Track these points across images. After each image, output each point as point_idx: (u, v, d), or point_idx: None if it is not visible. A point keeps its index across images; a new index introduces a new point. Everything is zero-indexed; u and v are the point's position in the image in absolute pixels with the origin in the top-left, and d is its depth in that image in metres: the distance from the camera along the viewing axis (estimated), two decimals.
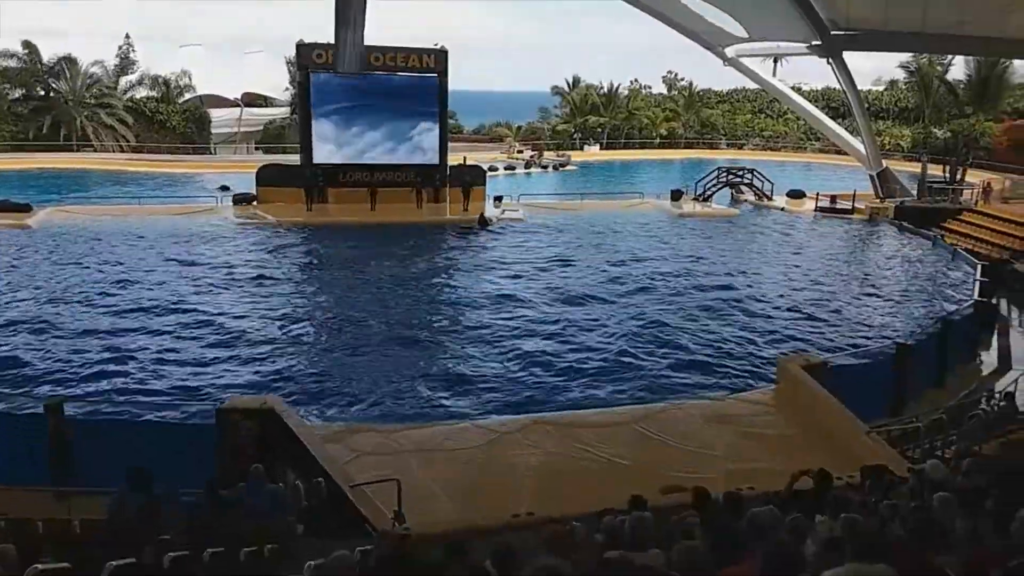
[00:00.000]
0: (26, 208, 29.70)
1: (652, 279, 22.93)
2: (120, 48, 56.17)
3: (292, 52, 36.68)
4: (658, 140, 66.86)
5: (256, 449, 10.29)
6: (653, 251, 27.14)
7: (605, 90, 67.99)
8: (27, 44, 51.71)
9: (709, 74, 67.81)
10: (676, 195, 37.51)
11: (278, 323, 17.93)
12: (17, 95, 52.14)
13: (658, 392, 14.35)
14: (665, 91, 73.98)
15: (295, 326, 17.82)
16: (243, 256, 24.67)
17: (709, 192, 38.00)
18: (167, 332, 16.95)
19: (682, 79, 73.74)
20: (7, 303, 18.79)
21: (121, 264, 22.75)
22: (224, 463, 10.31)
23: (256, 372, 14.79)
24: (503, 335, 17.43)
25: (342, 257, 25.12)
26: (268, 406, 10.64)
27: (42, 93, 52.52)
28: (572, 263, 24.84)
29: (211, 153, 55.81)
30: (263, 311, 18.85)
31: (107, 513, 8.07)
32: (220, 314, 18.29)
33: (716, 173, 39.34)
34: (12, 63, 51.39)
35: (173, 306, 18.85)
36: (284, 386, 14.02)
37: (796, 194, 38.41)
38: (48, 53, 52.14)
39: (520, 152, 57.88)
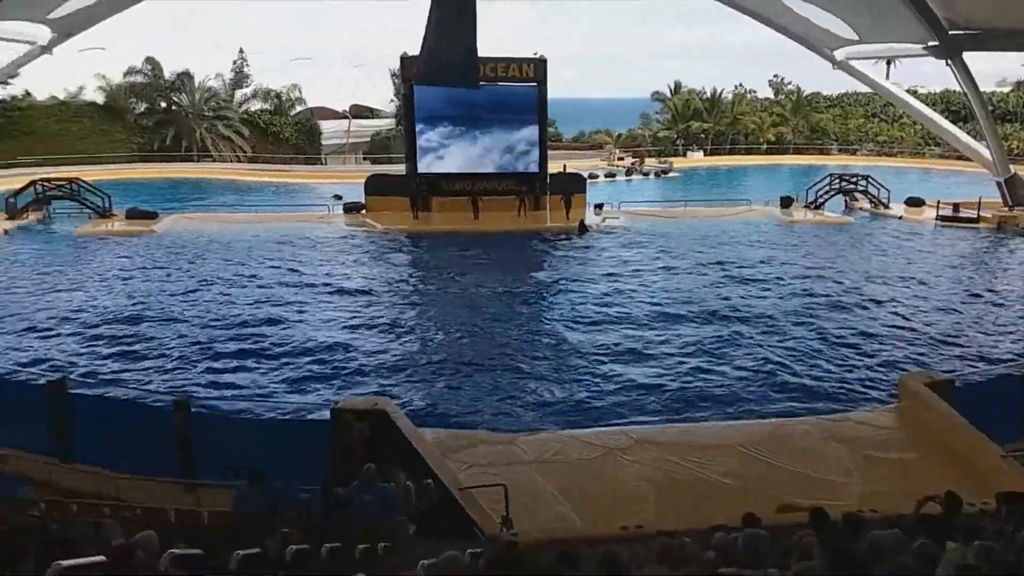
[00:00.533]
0: (152, 215, 31.64)
1: (761, 289, 22.27)
2: (235, 62, 59.27)
3: (397, 65, 37.66)
4: (765, 146, 65.00)
5: (366, 450, 10.57)
6: (762, 260, 26.34)
7: (708, 95, 66.67)
8: (150, 60, 55.17)
9: (818, 77, 65.60)
10: (786, 202, 36.34)
11: (385, 328, 18.38)
12: (142, 109, 55.64)
13: (769, 408, 13.89)
14: (772, 95, 71.92)
15: (401, 331, 18.22)
16: (351, 261, 25.52)
17: (821, 199, 36.63)
18: (280, 334, 17.64)
19: (789, 83, 71.58)
20: (135, 304, 20.02)
21: (239, 268, 23.91)
22: (336, 462, 10.64)
23: (366, 375, 15.21)
24: (604, 346, 17.26)
25: (445, 264, 25.56)
26: (379, 408, 10.89)
27: (164, 107, 55.82)
28: (675, 272, 24.42)
29: (321, 163, 57.97)
30: (370, 316, 19.38)
31: (232, 506, 8.48)
32: (330, 319, 18.92)
33: (828, 179, 37.90)
34: (139, 79, 54.96)
35: (285, 309, 19.63)
36: (392, 389, 14.34)
37: (915, 202, 36.48)
38: (169, 69, 55.60)
39: (620, 159, 57.51)
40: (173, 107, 55.60)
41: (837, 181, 37.88)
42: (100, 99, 54.48)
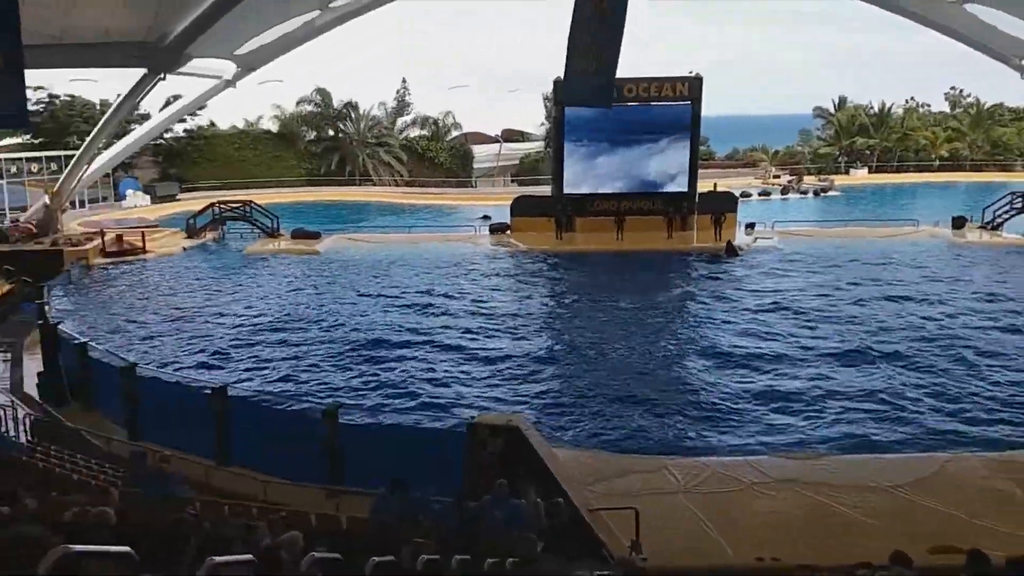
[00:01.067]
0: (316, 235, 33.84)
1: (924, 315, 20.73)
2: (397, 92, 62.41)
3: (550, 88, 38.45)
4: (937, 162, 60.49)
5: (500, 465, 10.77)
6: (925, 284, 24.51)
7: (876, 110, 63.00)
8: (320, 91, 59.11)
9: (1001, 88, 60.46)
10: (959, 222, 33.64)
11: (523, 346, 18.65)
12: (312, 136, 59.71)
13: (929, 444, 12.89)
14: (947, 109, 66.91)
15: (539, 351, 18.41)
16: (494, 280, 26.11)
17: (1000, 219, 33.62)
18: (424, 349, 18.34)
19: (968, 95, 66.31)
20: (294, 317, 21.48)
21: (391, 285, 25.13)
22: (470, 476, 10.91)
23: (504, 391, 15.51)
24: (746, 371, 16.67)
25: (586, 284, 25.62)
26: (514, 424, 11.09)
27: (331, 134, 59.60)
28: (829, 296, 23.17)
29: (472, 186, 59.80)
30: (508, 334, 19.76)
31: (370, 513, 8.90)
32: (471, 336, 19.46)
33: (1009, 198, 34.68)
34: (309, 108, 59.07)
35: (430, 325, 20.41)
36: (527, 407, 14.53)
37: None
38: (338, 98, 59.31)
39: (776, 177, 55.40)
40: (340, 134, 59.22)
41: (1019, 200, 34.61)
42: (275, 128, 59.04)
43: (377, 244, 32.85)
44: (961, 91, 67.19)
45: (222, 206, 36.03)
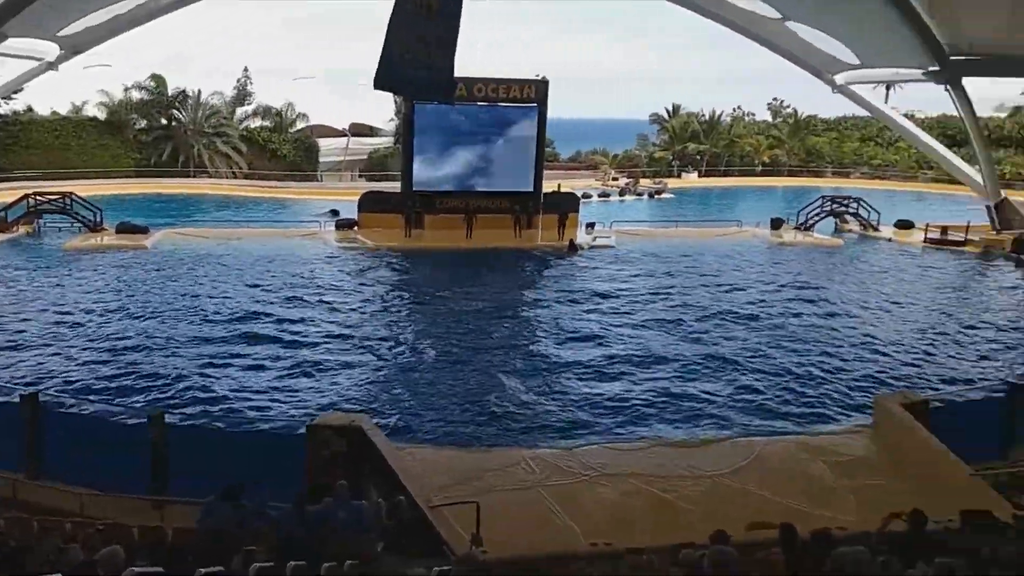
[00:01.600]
0: (143, 230, 31.71)
1: (744, 309, 22.37)
2: (239, 80, 59.75)
3: None
4: (760, 168, 65.38)
5: (342, 466, 10.60)
6: (747, 280, 26.50)
7: (706, 117, 67.21)
8: (155, 77, 55.57)
9: (817, 101, 66.22)
10: (776, 224, 36.53)
11: (367, 345, 18.43)
12: (142, 125, 55.96)
13: (747, 428, 13.94)
14: (770, 118, 72.46)
15: (383, 348, 18.26)
16: (340, 278, 25.56)
17: (811, 221, 36.82)
18: (262, 349, 17.70)
19: (788, 106, 72.14)
20: (119, 319, 20.05)
21: (225, 283, 23.96)
22: (311, 478, 10.67)
23: (344, 391, 15.25)
24: (585, 364, 17.32)
25: (434, 282, 25.64)
26: (356, 424, 10.94)
27: (164, 123, 56.15)
28: (661, 291, 24.54)
29: (318, 180, 58.25)
30: (351, 332, 19.42)
31: (198, 522, 8.48)
32: (312, 335, 18.95)
33: (820, 201, 38.10)
34: (143, 95, 55.35)
35: (268, 324, 19.70)
36: (370, 406, 14.38)
37: (904, 224, 36.70)
38: (172, 85, 55.97)
39: (615, 179, 57.78)
40: (173, 123, 55.89)
41: (828, 203, 38.09)
42: (102, 115, 54.85)
43: (212, 239, 31.19)
44: (782, 102, 73.11)
45: (38, 197, 33.00)
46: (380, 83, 11.84)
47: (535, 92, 34.20)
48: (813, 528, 8.39)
